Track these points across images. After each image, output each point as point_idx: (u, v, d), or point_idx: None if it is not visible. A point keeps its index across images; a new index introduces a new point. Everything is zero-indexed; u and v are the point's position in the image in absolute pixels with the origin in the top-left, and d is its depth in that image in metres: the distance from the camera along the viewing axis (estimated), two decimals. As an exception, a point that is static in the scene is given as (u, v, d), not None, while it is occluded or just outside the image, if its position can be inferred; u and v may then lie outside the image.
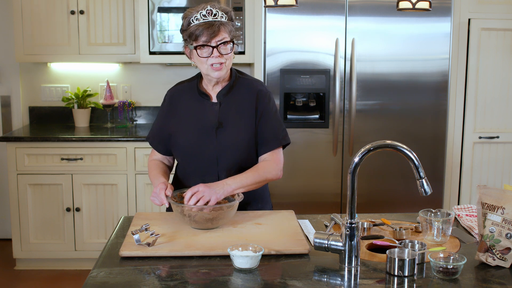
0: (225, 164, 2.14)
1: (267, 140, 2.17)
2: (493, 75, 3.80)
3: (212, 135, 2.14)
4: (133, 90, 4.28)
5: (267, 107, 2.18)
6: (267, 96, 2.19)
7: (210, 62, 2.05)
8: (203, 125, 2.15)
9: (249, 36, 3.73)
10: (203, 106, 2.17)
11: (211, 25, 2.01)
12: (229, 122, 2.14)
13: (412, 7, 2.09)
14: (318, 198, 3.73)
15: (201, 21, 2.02)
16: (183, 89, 2.24)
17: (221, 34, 2.03)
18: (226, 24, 2.04)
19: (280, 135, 2.19)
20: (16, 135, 3.73)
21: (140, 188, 3.74)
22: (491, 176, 3.89)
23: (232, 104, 2.16)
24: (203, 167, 2.16)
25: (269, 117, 2.17)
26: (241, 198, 2.00)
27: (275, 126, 2.19)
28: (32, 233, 3.77)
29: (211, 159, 2.15)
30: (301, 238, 1.85)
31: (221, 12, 2.04)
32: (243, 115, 2.15)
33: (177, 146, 2.20)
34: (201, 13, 2.02)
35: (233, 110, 2.16)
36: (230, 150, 2.14)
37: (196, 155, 2.15)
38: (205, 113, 2.16)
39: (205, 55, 2.05)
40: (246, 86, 2.19)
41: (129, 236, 1.84)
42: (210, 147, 2.14)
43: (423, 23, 3.63)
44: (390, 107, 3.69)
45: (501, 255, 1.66)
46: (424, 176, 1.69)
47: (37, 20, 3.86)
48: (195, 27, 2.02)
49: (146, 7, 3.71)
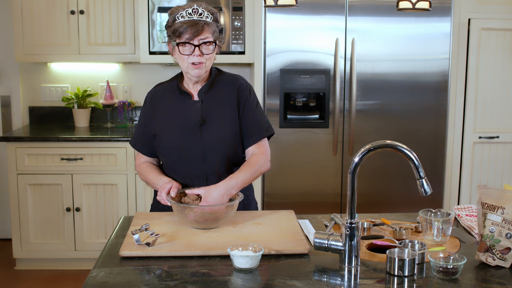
0: (211, 161, 2.14)
1: (251, 132, 2.18)
2: (493, 75, 3.80)
3: (196, 133, 2.13)
4: (133, 90, 4.28)
5: (249, 100, 2.19)
6: (247, 89, 2.20)
7: (190, 60, 2.06)
8: (186, 123, 2.14)
9: (249, 36, 3.73)
10: (185, 105, 2.17)
11: (195, 24, 2.02)
12: (213, 119, 2.15)
13: (412, 7, 2.10)
14: (318, 198, 3.73)
15: (186, 18, 2.03)
16: (164, 89, 2.24)
17: (204, 34, 2.03)
18: (210, 24, 2.05)
19: (263, 126, 2.21)
20: (16, 135, 3.73)
21: (140, 188, 3.74)
22: (491, 176, 3.89)
23: (214, 101, 2.16)
24: (190, 166, 2.15)
25: (251, 109, 2.19)
26: (241, 198, 2.00)
27: (258, 118, 2.20)
28: (32, 233, 3.77)
29: (197, 157, 2.14)
30: (301, 238, 1.85)
31: (207, 12, 2.05)
32: (226, 111, 2.16)
33: (161, 147, 2.19)
34: (187, 11, 2.03)
35: (215, 107, 2.16)
36: (216, 147, 2.14)
37: (182, 154, 2.15)
38: (187, 111, 2.15)
39: (186, 53, 2.05)
40: (226, 82, 2.20)
41: (129, 236, 1.84)
42: (195, 145, 2.13)
43: (423, 23, 3.63)
44: (390, 107, 3.69)
45: (501, 255, 1.66)
46: (424, 176, 1.69)
47: (37, 20, 3.86)
48: (180, 24, 2.02)
49: (146, 7, 3.71)
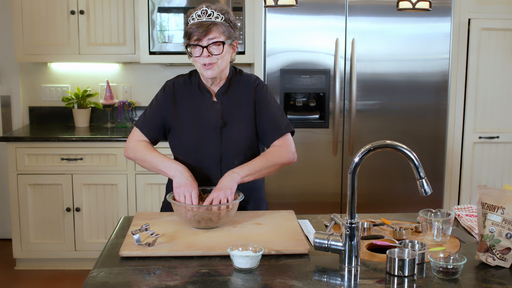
0: (228, 163, 2.15)
1: (270, 130, 2.17)
2: (493, 75, 3.80)
3: (216, 135, 2.14)
4: (133, 90, 4.28)
5: (265, 99, 2.19)
6: (264, 89, 2.21)
7: (201, 61, 2.06)
8: (206, 123, 2.15)
9: (249, 36, 3.73)
10: (204, 104, 2.17)
11: (202, 25, 2.02)
12: (233, 121, 2.15)
13: (412, 7, 2.09)
14: (318, 198, 3.73)
15: (195, 20, 2.04)
16: (185, 82, 2.22)
17: (212, 34, 2.03)
18: (219, 24, 2.05)
19: (283, 124, 2.19)
20: (16, 135, 3.73)
21: (140, 188, 3.74)
22: (491, 176, 3.89)
23: (233, 102, 2.17)
24: (206, 166, 2.16)
25: (269, 107, 2.18)
26: (241, 198, 2.00)
27: (275, 117, 2.19)
28: (32, 233, 3.77)
29: (214, 158, 2.15)
30: (301, 238, 1.85)
31: (216, 12, 2.05)
32: (244, 113, 2.17)
33: (178, 143, 2.19)
34: (196, 13, 2.05)
35: (234, 108, 2.16)
36: (234, 149, 2.15)
37: (199, 153, 2.15)
38: (207, 111, 2.16)
39: (196, 55, 2.06)
40: (243, 82, 2.20)
41: (129, 236, 1.83)
42: (214, 147, 2.14)
43: (423, 23, 3.63)
44: (390, 107, 3.69)
45: (501, 255, 1.66)
46: (424, 176, 1.69)
47: (37, 20, 3.86)
48: (190, 26, 2.05)
49: (146, 7, 3.71)
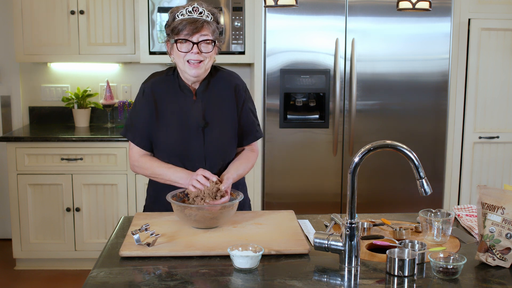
0: (212, 162, 2.14)
1: (247, 133, 2.24)
2: (493, 75, 3.80)
3: (199, 135, 2.13)
4: (133, 90, 4.28)
5: (246, 101, 2.22)
6: (244, 90, 2.23)
7: (187, 57, 2.04)
8: (188, 124, 2.12)
9: (249, 36, 3.73)
10: (185, 103, 2.14)
11: (195, 21, 2.01)
12: (215, 121, 2.15)
13: (412, 7, 2.09)
14: (318, 198, 3.73)
15: (186, 16, 2.03)
16: (162, 81, 2.18)
17: (204, 31, 2.03)
18: (210, 23, 2.05)
19: (257, 128, 2.28)
20: (16, 135, 3.73)
21: (140, 188, 3.74)
22: (491, 176, 3.89)
23: (213, 100, 2.16)
24: (190, 166, 2.11)
25: (248, 110, 2.23)
26: (241, 197, 2.00)
27: (253, 120, 2.25)
28: (32, 233, 3.77)
29: (198, 159, 2.13)
30: (301, 238, 1.85)
31: (207, 11, 2.05)
32: (226, 111, 2.17)
33: (161, 144, 2.14)
34: (187, 9, 2.03)
35: (215, 107, 2.16)
36: (217, 149, 2.14)
37: (183, 154, 2.12)
38: (188, 110, 2.13)
39: (184, 50, 2.04)
40: (223, 79, 2.20)
41: (129, 236, 1.83)
42: (198, 147, 2.12)
43: (423, 23, 3.63)
44: (390, 107, 3.69)
45: (501, 255, 1.66)
46: (424, 176, 1.69)
47: (37, 20, 3.86)
48: (179, 21, 2.02)
49: (146, 7, 3.71)
